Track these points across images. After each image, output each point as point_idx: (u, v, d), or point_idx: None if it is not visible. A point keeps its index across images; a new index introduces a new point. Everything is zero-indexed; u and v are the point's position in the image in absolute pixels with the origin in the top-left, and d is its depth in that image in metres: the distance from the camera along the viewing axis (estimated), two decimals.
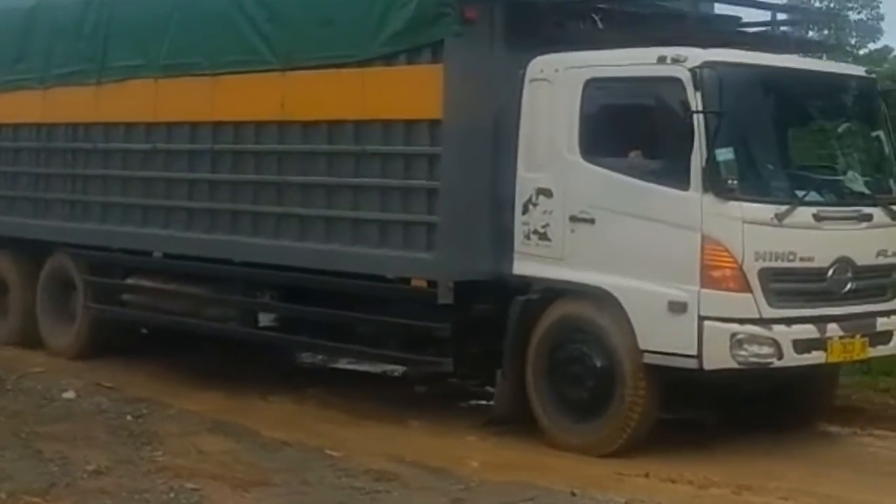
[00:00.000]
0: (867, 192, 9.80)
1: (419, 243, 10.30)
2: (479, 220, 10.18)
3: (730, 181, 8.92)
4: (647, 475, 8.98)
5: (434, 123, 10.18)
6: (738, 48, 9.60)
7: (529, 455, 9.62)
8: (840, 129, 9.89)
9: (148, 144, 12.66)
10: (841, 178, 9.74)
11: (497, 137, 10.17)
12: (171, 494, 8.05)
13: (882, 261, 9.71)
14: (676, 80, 9.06)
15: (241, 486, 8.36)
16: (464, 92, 10.05)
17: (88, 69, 13.25)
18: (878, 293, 9.75)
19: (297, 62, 11.22)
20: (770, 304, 9.07)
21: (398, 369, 12.72)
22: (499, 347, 10.08)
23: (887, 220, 9.76)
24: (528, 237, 9.95)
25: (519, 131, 10.02)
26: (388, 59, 10.59)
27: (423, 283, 10.37)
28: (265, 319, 12.06)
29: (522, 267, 10.00)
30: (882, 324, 9.70)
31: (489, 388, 10.84)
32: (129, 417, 10.47)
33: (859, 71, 10.59)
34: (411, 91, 10.36)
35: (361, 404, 11.25)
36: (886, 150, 10.09)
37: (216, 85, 11.92)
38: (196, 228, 12.14)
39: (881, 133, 10.10)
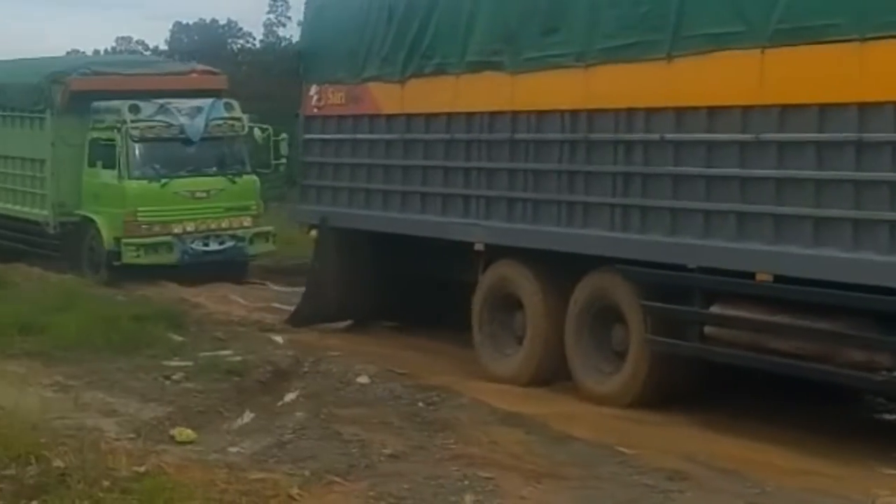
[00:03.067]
0: None
1: None
2: None
3: None
4: None
5: None
6: None
7: (821, 463, 8.95)
8: None
9: (749, 135, 9.73)
10: None
11: None
12: (465, 482, 8.12)
13: None
14: None
15: (533, 477, 8.37)
16: None
17: (653, 40, 10.45)
18: None
19: None
20: None
21: None
22: None
23: None
24: None
25: None
26: None
27: None
28: None
29: None
30: None
31: None
32: (420, 404, 10.50)
33: None
34: None
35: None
36: None
37: (864, 54, 8.91)
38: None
39: None
